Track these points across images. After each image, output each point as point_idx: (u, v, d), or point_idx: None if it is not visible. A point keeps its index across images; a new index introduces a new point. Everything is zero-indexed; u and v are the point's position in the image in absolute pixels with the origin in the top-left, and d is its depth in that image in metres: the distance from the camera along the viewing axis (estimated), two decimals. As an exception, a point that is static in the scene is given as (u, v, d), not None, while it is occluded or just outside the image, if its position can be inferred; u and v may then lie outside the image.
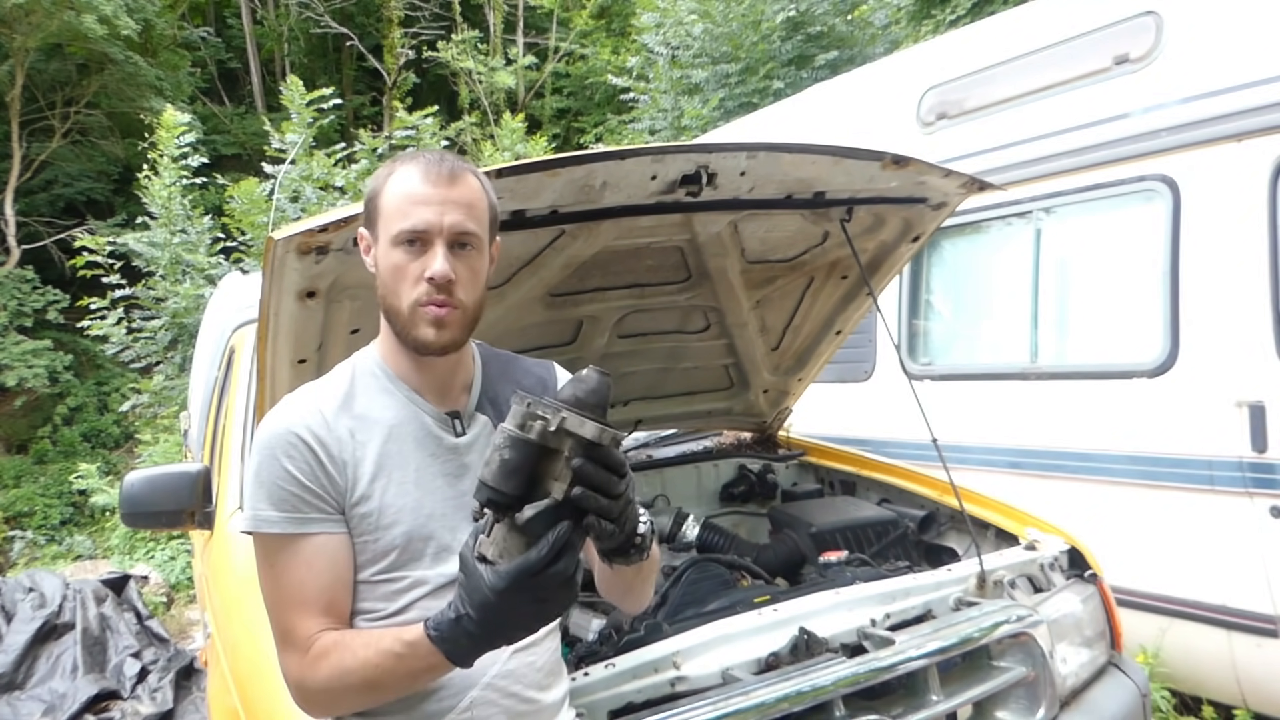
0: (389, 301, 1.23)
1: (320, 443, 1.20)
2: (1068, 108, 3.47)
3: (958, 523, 2.54)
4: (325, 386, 1.29)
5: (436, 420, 1.27)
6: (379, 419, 1.25)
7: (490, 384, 1.35)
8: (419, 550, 1.22)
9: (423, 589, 1.22)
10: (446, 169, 1.22)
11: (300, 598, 1.18)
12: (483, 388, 1.34)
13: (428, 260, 1.19)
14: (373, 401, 1.26)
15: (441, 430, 1.27)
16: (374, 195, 1.25)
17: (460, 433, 1.28)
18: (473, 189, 1.24)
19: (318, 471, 1.19)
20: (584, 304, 2.45)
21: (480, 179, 1.27)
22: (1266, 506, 2.83)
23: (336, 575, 1.20)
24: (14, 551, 10.42)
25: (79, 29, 13.42)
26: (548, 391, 1.35)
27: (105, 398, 13.88)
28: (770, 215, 2.35)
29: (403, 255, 1.19)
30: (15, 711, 3.96)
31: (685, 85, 10.04)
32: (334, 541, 1.20)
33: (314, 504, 1.19)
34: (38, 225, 14.96)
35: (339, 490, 1.20)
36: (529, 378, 1.39)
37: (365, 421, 1.24)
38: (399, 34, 18.48)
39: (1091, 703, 1.99)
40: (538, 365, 1.43)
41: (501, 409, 1.30)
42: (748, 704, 1.49)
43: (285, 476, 1.18)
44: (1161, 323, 3.13)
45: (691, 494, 3.07)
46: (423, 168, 1.22)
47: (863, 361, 4.35)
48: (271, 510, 1.18)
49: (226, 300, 4.82)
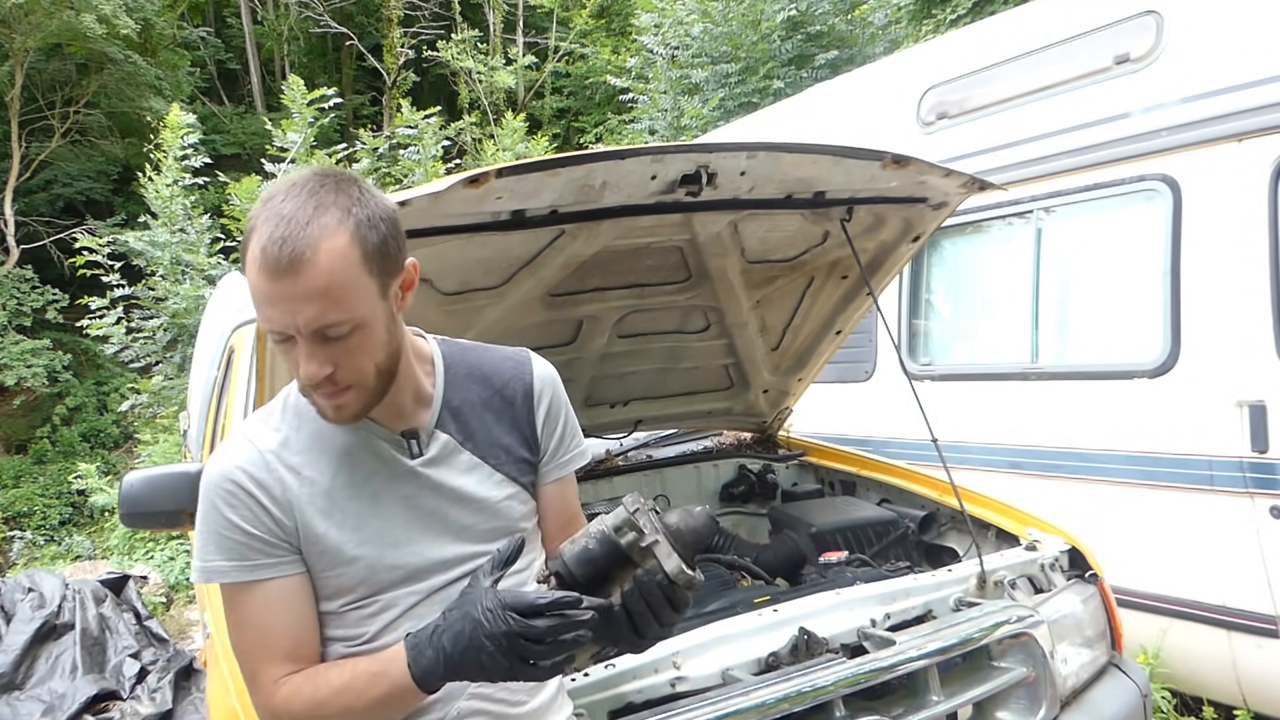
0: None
1: (261, 486, 1.14)
2: (1068, 107, 3.47)
3: (958, 523, 2.53)
4: (267, 421, 1.21)
5: (390, 443, 1.19)
6: (327, 449, 1.18)
7: (453, 391, 1.25)
8: (384, 580, 1.18)
9: (394, 611, 1.19)
10: (286, 255, 1.00)
11: (262, 643, 1.15)
12: (444, 398, 1.24)
13: (297, 355, 1.07)
14: (319, 431, 1.18)
15: (397, 453, 1.20)
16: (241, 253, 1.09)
17: (417, 453, 1.20)
18: (322, 269, 1.01)
19: (261, 517, 1.13)
20: (584, 304, 2.45)
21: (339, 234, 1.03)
22: (1267, 506, 2.83)
23: (297, 617, 1.16)
24: (13, 552, 10.42)
25: (78, 28, 13.43)
26: (521, 386, 1.30)
27: (105, 398, 13.89)
28: (770, 215, 2.35)
29: (283, 346, 1.07)
30: (15, 712, 3.95)
31: (685, 85, 10.04)
32: (289, 584, 1.15)
33: (262, 550, 1.14)
34: (37, 225, 14.97)
35: (288, 531, 1.15)
36: (499, 374, 1.30)
37: (311, 455, 1.17)
38: (399, 34, 18.49)
39: (1092, 703, 1.99)
40: (509, 360, 1.33)
41: (466, 418, 1.25)
42: (748, 704, 1.49)
43: (228, 525, 1.13)
44: (1162, 323, 3.13)
45: (691, 494, 3.07)
46: (261, 255, 1.01)
47: (863, 361, 4.35)
48: (220, 560, 1.14)
49: (226, 300, 4.82)
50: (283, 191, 1.06)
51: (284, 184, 1.08)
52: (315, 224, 1.02)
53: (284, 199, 1.04)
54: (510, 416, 1.29)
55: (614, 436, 3.12)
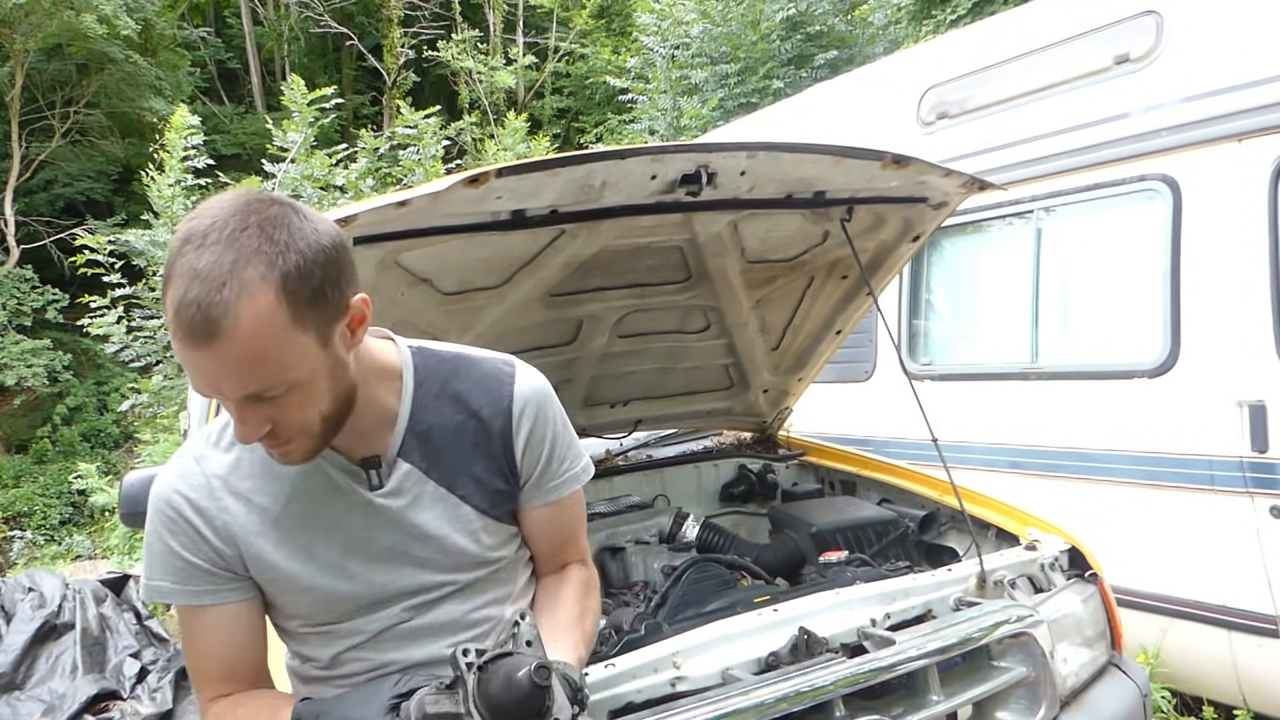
0: None
1: (201, 514, 1.10)
2: (1068, 107, 3.47)
3: (958, 523, 2.53)
4: (219, 440, 1.15)
5: (347, 474, 1.12)
6: (280, 474, 1.11)
7: (422, 412, 1.15)
8: (340, 610, 1.16)
9: (356, 638, 1.18)
10: (200, 321, 0.88)
11: (202, 663, 1.17)
12: (410, 421, 1.14)
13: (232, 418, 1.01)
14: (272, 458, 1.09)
15: (355, 484, 1.12)
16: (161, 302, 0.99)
17: (377, 485, 1.13)
18: (243, 337, 0.90)
19: (200, 546, 1.11)
20: (584, 304, 2.45)
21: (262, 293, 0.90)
22: (1267, 506, 2.83)
23: (235, 641, 1.16)
24: (13, 551, 10.43)
25: (78, 29, 13.43)
26: (499, 410, 1.18)
27: (105, 397, 13.89)
28: (770, 215, 2.35)
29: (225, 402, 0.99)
30: (15, 711, 3.95)
31: (684, 86, 10.04)
32: (229, 611, 1.14)
33: (203, 576, 1.12)
34: (37, 225, 14.97)
35: (229, 560, 1.12)
36: (476, 396, 1.18)
37: (263, 480, 1.11)
38: (399, 34, 18.49)
39: (1092, 703, 1.98)
40: (490, 378, 1.20)
41: (434, 443, 1.16)
42: (747, 704, 1.49)
43: (170, 551, 1.11)
44: (1162, 322, 3.13)
45: (691, 494, 3.06)
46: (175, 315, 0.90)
47: (863, 361, 4.35)
48: (165, 580, 1.13)
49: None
50: (200, 234, 0.91)
51: (204, 219, 0.92)
52: (234, 282, 0.89)
53: (199, 247, 0.90)
54: (486, 444, 1.19)
55: (614, 436, 3.11)
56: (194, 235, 0.91)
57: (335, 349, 1.01)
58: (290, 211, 0.96)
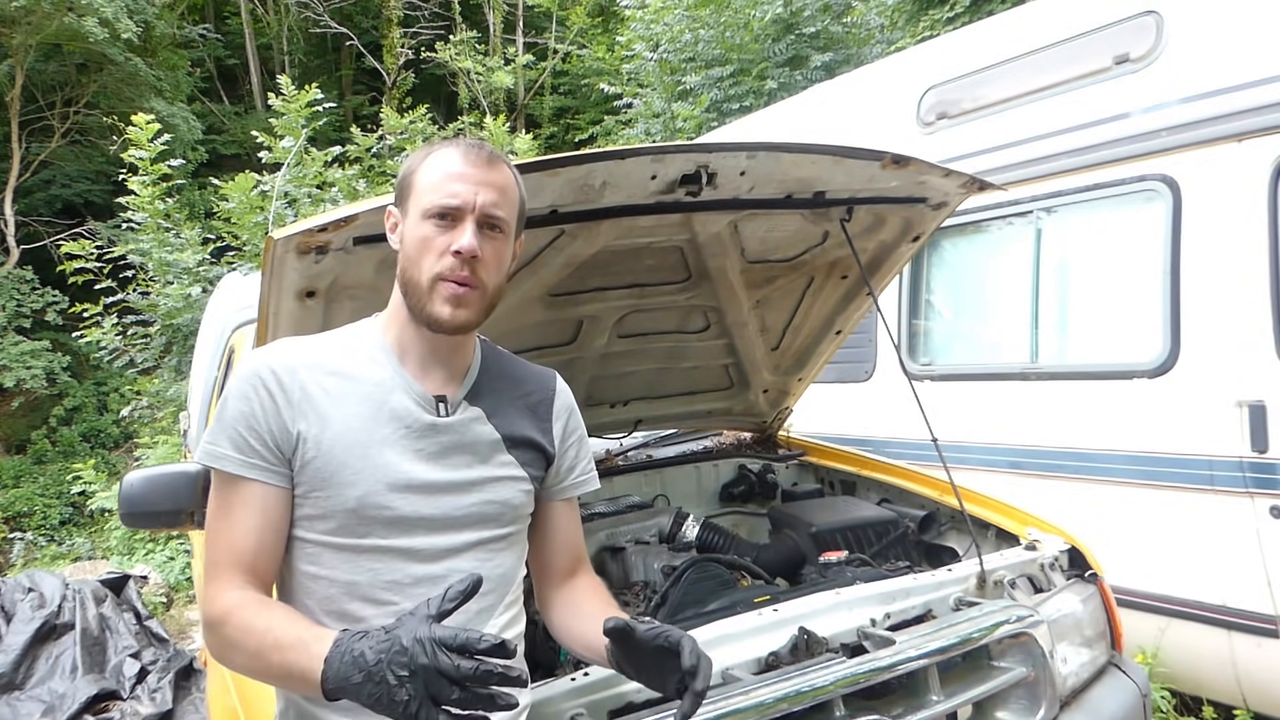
0: (409, 274, 1.22)
1: (283, 389, 1.20)
2: (1068, 108, 3.47)
3: (958, 523, 2.53)
4: (316, 341, 1.30)
5: (419, 398, 1.25)
6: (359, 379, 1.24)
7: (486, 379, 1.33)
8: (373, 517, 1.20)
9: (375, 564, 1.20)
10: (485, 153, 1.24)
11: (229, 542, 1.19)
12: (477, 381, 1.32)
13: (455, 235, 1.20)
14: (358, 365, 1.25)
15: (422, 408, 1.25)
16: (409, 173, 1.26)
17: (444, 415, 1.26)
18: (508, 177, 1.26)
19: (271, 418, 1.19)
20: (584, 304, 2.45)
21: (515, 173, 1.29)
22: (1266, 506, 2.83)
23: (268, 522, 1.20)
24: (13, 552, 10.42)
25: (79, 30, 13.42)
26: (544, 395, 1.39)
27: (104, 398, 13.89)
28: (770, 215, 2.35)
29: (432, 229, 1.20)
30: (15, 712, 3.95)
31: (677, 90, 10.03)
32: (271, 493, 1.20)
33: (260, 451, 1.19)
34: (37, 225, 14.97)
35: (287, 440, 1.19)
36: (529, 383, 1.39)
37: (342, 379, 1.23)
38: (398, 34, 18.49)
39: (1091, 703, 1.98)
40: (541, 374, 1.43)
41: (496, 397, 1.33)
42: (747, 704, 1.49)
43: (240, 416, 1.19)
44: (1162, 323, 3.13)
45: (691, 494, 3.07)
46: (463, 150, 1.24)
47: (863, 361, 4.35)
48: (226, 446, 1.20)
49: (226, 300, 4.82)
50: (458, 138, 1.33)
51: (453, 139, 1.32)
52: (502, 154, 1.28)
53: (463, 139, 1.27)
54: (533, 418, 1.37)
55: (614, 436, 3.12)
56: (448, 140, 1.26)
57: (513, 250, 1.30)
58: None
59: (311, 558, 1.22)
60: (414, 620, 0.99)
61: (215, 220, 9.26)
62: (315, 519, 1.21)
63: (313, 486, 1.20)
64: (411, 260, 1.22)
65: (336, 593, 1.20)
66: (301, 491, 1.21)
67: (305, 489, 1.20)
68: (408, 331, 1.27)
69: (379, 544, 1.20)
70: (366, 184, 9.21)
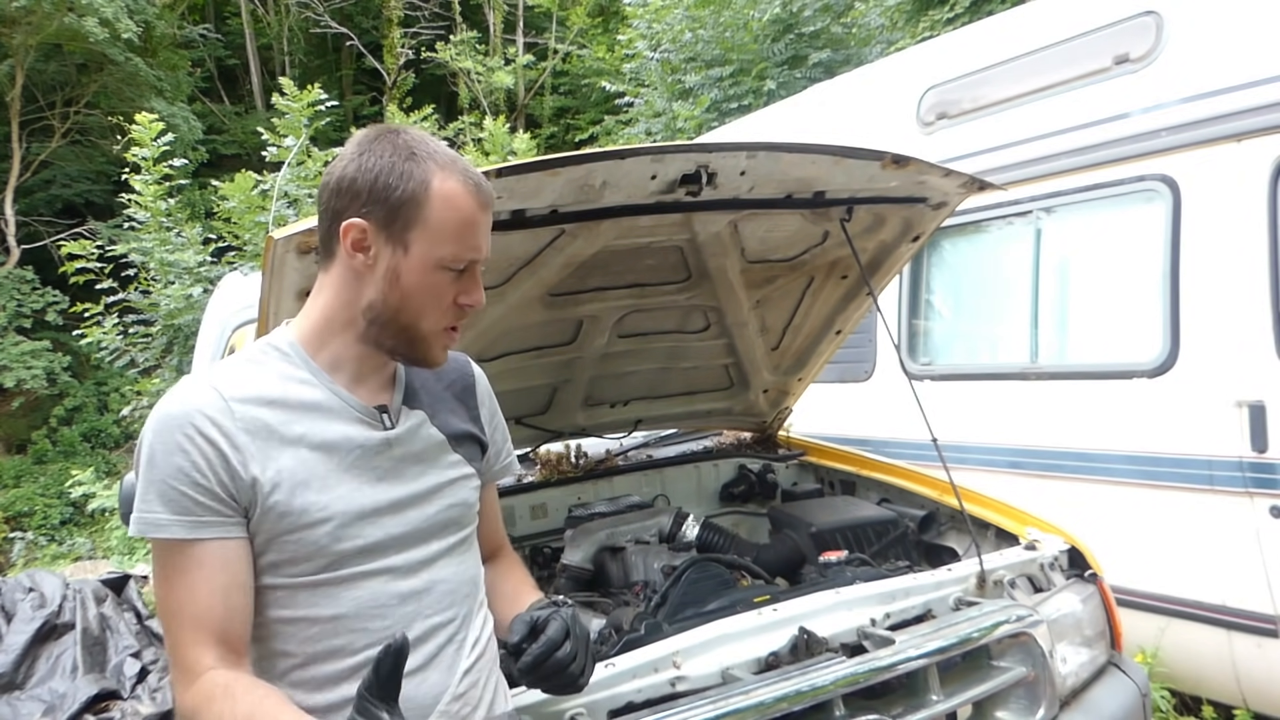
0: (405, 320, 1.15)
1: (224, 433, 1.08)
2: (1068, 108, 3.47)
3: (958, 523, 2.53)
4: (231, 370, 1.17)
5: (364, 414, 1.19)
6: (298, 406, 1.14)
7: (413, 374, 1.30)
8: (346, 550, 1.14)
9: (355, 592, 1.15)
10: (488, 190, 1.18)
11: (192, 613, 1.06)
12: (406, 379, 1.28)
13: (466, 287, 1.17)
14: (292, 389, 1.15)
15: (369, 425, 1.19)
16: (409, 199, 1.12)
17: (389, 426, 1.21)
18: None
19: (218, 468, 1.07)
20: (584, 304, 2.45)
21: None
22: (1266, 506, 2.83)
23: (237, 584, 1.09)
24: (14, 552, 10.43)
25: (79, 30, 13.43)
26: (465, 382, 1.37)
27: (105, 398, 13.89)
28: (770, 215, 2.35)
29: (444, 279, 1.15)
30: (15, 711, 3.95)
31: (678, 89, 10.03)
32: (232, 548, 1.09)
33: (211, 506, 1.07)
34: (38, 225, 14.97)
35: (241, 489, 1.08)
36: (447, 371, 1.33)
37: (280, 408, 1.13)
38: (399, 34, 18.49)
39: (1091, 703, 1.99)
40: (453, 358, 1.35)
41: (427, 395, 1.30)
42: (747, 704, 1.49)
43: (178, 473, 1.06)
44: (1162, 323, 3.13)
45: (691, 494, 3.07)
46: (471, 188, 1.15)
47: (863, 361, 4.35)
48: (164, 512, 1.06)
49: (226, 300, 4.82)
50: (422, 137, 1.17)
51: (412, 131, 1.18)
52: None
53: (435, 145, 1.16)
54: (462, 407, 1.35)
55: (614, 436, 3.12)
56: (417, 138, 1.16)
57: None
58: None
59: (283, 602, 1.13)
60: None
61: (216, 220, 9.24)
62: (283, 564, 1.12)
63: (276, 532, 1.10)
64: (413, 307, 1.15)
65: (320, 631, 1.13)
66: (264, 539, 1.11)
67: (268, 535, 1.10)
68: (348, 350, 1.19)
69: (357, 571, 1.14)
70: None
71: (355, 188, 1.13)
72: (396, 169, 1.13)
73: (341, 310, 1.18)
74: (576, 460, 2.98)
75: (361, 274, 1.16)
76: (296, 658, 1.14)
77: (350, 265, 1.16)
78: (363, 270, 1.15)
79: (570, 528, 2.57)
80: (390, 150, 1.14)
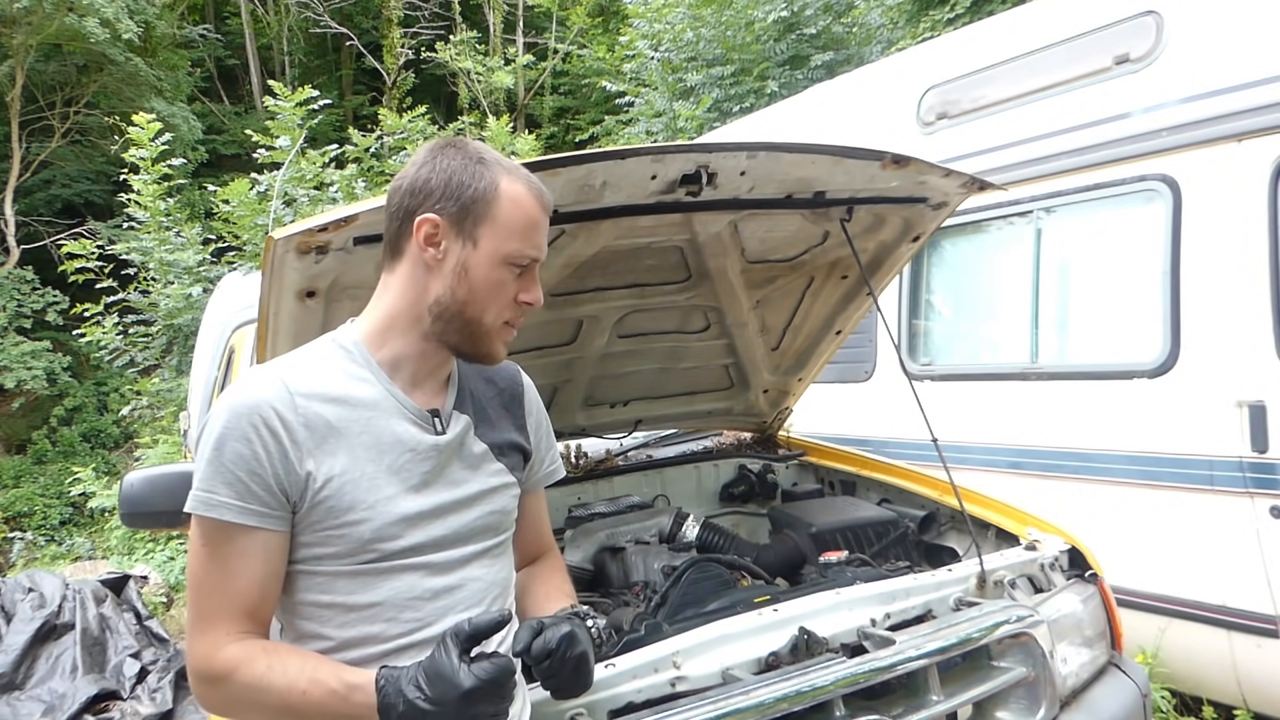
0: (468, 312, 1.22)
1: (286, 427, 1.14)
2: (1068, 108, 3.47)
3: (958, 523, 2.53)
4: (298, 364, 1.22)
5: (417, 417, 1.24)
6: (356, 404, 1.20)
7: (465, 380, 1.35)
8: (387, 547, 1.18)
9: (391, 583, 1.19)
10: (548, 196, 1.26)
11: (230, 590, 1.13)
12: (459, 384, 1.33)
13: (527, 285, 1.25)
14: (352, 387, 1.21)
15: (421, 428, 1.24)
16: (480, 198, 1.20)
17: (440, 430, 1.25)
18: None
19: (276, 461, 1.13)
20: (584, 304, 2.45)
21: None
22: (1266, 506, 2.83)
23: (272, 572, 1.16)
24: (13, 552, 10.42)
25: (79, 31, 13.43)
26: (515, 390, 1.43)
27: (105, 398, 13.89)
28: (770, 215, 2.35)
29: (509, 275, 1.22)
30: (15, 712, 3.95)
31: (679, 88, 10.03)
32: (274, 539, 1.15)
33: (263, 497, 1.13)
34: (38, 225, 14.96)
35: (295, 482, 1.14)
36: (498, 379, 1.41)
37: (340, 405, 1.18)
38: (398, 34, 18.49)
39: (1092, 703, 1.98)
40: (504, 367, 1.42)
41: (477, 401, 1.35)
42: (747, 704, 1.49)
43: (240, 460, 1.12)
44: (1162, 323, 3.13)
45: (691, 494, 3.07)
46: (535, 192, 1.24)
47: (863, 361, 4.35)
48: (224, 494, 1.12)
49: (226, 300, 4.83)
50: (487, 147, 1.26)
51: (477, 142, 1.27)
52: None
53: (499, 154, 1.25)
54: (509, 415, 1.39)
55: (614, 436, 3.12)
56: (479, 147, 1.25)
57: None
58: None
59: (323, 587, 1.19)
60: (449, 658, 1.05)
61: (215, 220, 9.23)
62: (325, 554, 1.18)
63: (323, 525, 1.16)
64: (479, 300, 1.21)
65: (356, 617, 1.19)
66: (309, 529, 1.17)
67: (313, 526, 1.16)
68: (410, 348, 1.24)
69: (396, 564, 1.20)
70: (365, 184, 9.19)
71: (429, 187, 1.21)
72: (468, 170, 1.21)
73: (408, 308, 1.23)
74: (576, 460, 2.98)
75: (431, 268, 1.21)
76: (331, 641, 1.19)
77: (420, 260, 1.22)
78: (432, 264, 1.21)
79: (570, 528, 2.57)
80: (461, 156, 1.23)
